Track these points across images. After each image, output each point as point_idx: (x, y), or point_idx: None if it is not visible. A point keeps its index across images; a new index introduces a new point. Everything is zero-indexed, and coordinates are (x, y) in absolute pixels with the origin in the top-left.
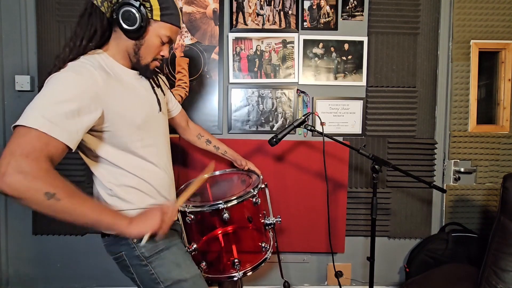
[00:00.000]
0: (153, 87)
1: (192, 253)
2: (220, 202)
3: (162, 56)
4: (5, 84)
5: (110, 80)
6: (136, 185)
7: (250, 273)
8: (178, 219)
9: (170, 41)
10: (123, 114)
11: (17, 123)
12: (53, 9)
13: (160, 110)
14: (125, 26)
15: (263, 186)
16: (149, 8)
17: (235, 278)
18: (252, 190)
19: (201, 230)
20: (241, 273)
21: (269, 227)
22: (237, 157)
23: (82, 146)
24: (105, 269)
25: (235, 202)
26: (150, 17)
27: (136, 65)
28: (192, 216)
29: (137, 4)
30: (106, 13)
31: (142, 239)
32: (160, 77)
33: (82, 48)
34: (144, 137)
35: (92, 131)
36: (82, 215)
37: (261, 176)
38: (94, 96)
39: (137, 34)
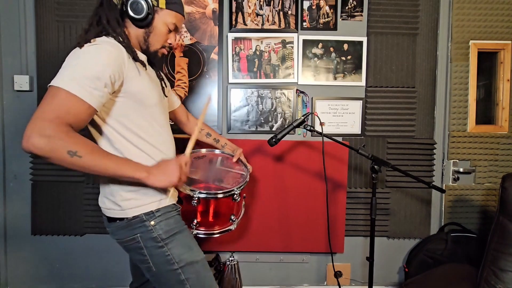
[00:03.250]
0: (159, 77)
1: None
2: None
3: (170, 44)
4: (4, 84)
5: (130, 58)
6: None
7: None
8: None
9: (176, 29)
10: (140, 90)
11: (55, 84)
12: (52, 9)
13: (166, 96)
14: (133, 15)
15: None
16: None
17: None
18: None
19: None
20: (235, 223)
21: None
22: (236, 148)
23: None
24: (104, 269)
25: (221, 195)
26: (156, 5)
27: (145, 52)
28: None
29: None
30: (118, 5)
31: (167, 199)
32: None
33: (99, 30)
34: (153, 119)
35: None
36: (103, 169)
37: (250, 170)
38: (119, 64)
39: (145, 23)
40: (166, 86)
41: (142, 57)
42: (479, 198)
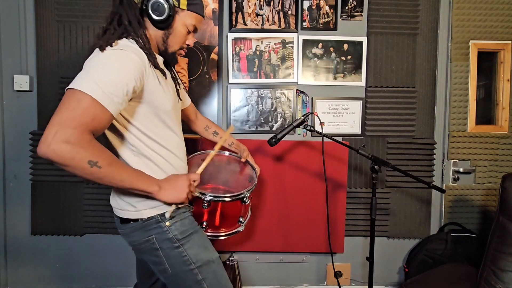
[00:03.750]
0: (173, 78)
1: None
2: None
3: (188, 45)
4: (4, 84)
5: (151, 65)
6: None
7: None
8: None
9: (195, 30)
10: (157, 97)
11: (75, 87)
12: (52, 8)
13: (180, 99)
14: (154, 17)
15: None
16: None
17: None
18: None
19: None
20: (243, 225)
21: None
22: (243, 148)
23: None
24: (104, 269)
25: (228, 199)
26: (177, 6)
27: (163, 53)
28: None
29: None
30: (138, 3)
31: (167, 213)
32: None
33: (120, 31)
34: (168, 124)
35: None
36: (119, 181)
37: (258, 172)
38: (141, 72)
39: (166, 24)
40: (180, 87)
41: (159, 59)
42: (479, 198)
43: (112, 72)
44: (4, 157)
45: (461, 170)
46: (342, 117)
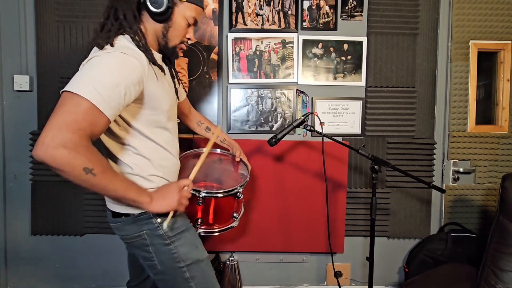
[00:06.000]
0: (172, 75)
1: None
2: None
3: (188, 38)
4: (4, 84)
5: (149, 64)
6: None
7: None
8: None
9: (195, 23)
10: (156, 98)
11: (73, 91)
12: (52, 9)
13: (178, 99)
14: (153, 9)
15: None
16: None
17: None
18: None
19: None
20: (237, 220)
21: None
22: (234, 145)
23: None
24: (104, 269)
25: (222, 195)
26: None
27: (164, 48)
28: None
29: None
30: None
31: (164, 223)
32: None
33: (117, 26)
34: (165, 123)
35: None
36: (112, 190)
37: (250, 169)
38: (140, 77)
39: (165, 17)
40: (180, 84)
41: (157, 56)
42: (479, 198)
43: (111, 76)
44: (4, 157)
45: (461, 170)
46: (342, 117)
